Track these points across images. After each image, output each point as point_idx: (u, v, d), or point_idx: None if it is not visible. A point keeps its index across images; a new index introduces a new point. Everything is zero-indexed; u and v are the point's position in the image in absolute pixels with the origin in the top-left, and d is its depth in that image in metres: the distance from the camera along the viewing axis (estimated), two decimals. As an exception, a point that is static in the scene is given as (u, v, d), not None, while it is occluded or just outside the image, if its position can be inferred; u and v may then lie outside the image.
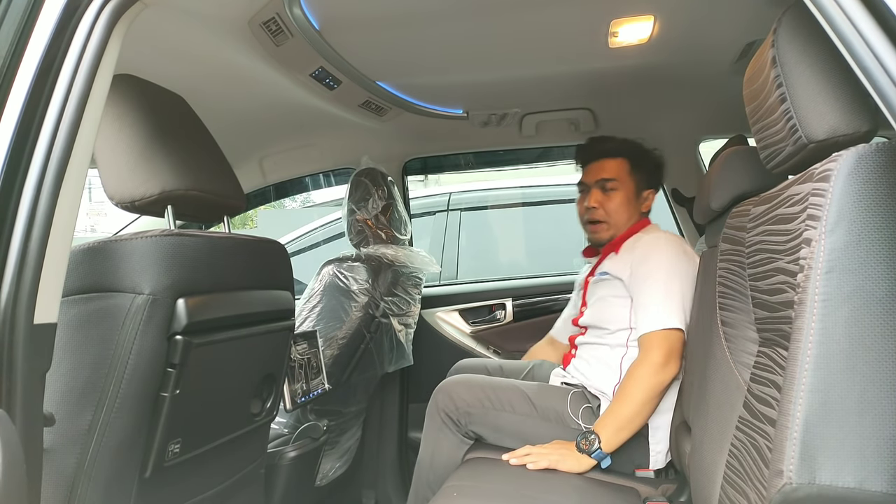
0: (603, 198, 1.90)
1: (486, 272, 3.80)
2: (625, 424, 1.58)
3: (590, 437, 1.58)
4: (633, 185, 1.89)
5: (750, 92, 1.04)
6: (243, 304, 1.25)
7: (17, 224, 0.82)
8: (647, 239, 1.77)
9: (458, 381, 1.89)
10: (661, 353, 1.58)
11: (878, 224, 0.73)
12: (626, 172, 1.89)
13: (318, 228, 3.73)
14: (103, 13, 0.90)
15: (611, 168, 1.90)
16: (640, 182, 1.90)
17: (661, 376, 1.58)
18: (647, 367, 1.59)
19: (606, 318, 1.80)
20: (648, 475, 1.68)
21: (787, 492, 0.74)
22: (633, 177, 1.89)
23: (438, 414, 1.83)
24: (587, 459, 1.58)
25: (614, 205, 1.88)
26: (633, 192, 1.89)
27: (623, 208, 1.88)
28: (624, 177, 1.89)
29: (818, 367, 0.74)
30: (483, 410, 1.77)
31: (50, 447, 0.94)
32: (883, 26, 0.70)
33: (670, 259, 1.69)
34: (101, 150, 1.13)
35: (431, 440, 1.84)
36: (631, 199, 1.89)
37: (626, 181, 1.89)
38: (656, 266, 1.68)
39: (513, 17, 1.57)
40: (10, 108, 0.84)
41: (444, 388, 1.86)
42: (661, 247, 1.72)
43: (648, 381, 1.58)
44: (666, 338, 1.60)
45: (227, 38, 1.48)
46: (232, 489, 1.37)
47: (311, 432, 1.82)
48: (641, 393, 1.58)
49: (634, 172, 1.89)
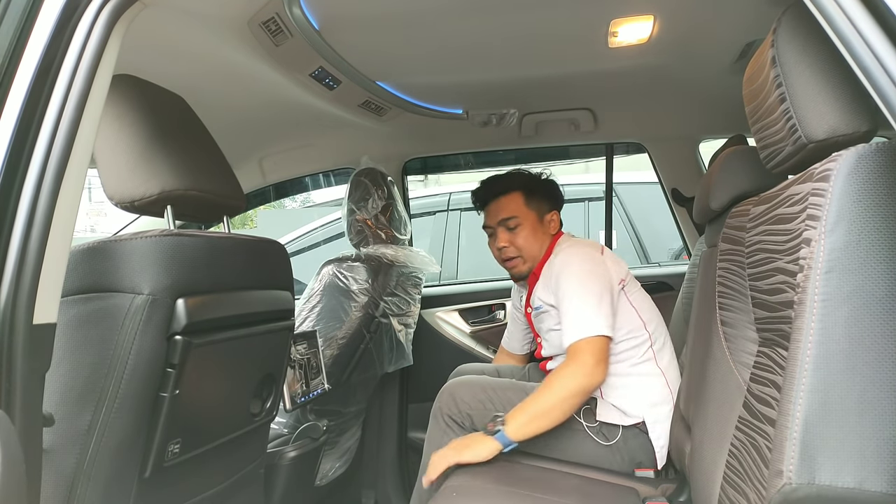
0: (510, 236, 1.93)
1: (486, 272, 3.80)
2: (538, 416, 1.58)
3: (497, 420, 1.59)
4: (534, 215, 1.93)
5: (749, 92, 1.04)
6: (243, 304, 1.25)
7: (17, 224, 0.82)
8: (558, 261, 1.81)
9: (460, 382, 1.91)
10: (592, 358, 1.59)
11: (877, 224, 0.73)
12: (523, 206, 1.92)
13: (317, 228, 3.74)
14: (102, 13, 0.90)
15: (507, 206, 1.93)
16: (539, 209, 1.94)
17: (590, 379, 1.58)
18: (576, 367, 1.59)
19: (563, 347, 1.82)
20: (648, 475, 1.67)
21: (786, 492, 0.74)
22: (531, 207, 1.93)
23: (442, 417, 1.84)
24: (491, 442, 1.57)
25: (522, 240, 1.91)
26: (536, 221, 1.93)
27: (531, 240, 1.92)
28: (523, 210, 1.92)
29: (818, 367, 0.74)
30: (485, 412, 1.78)
31: (49, 447, 0.94)
32: (883, 26, 0.70)
33: (581, 271, 1.72)
34: (100, 150, 1.13)
35: (435, 443, 1.85)
36: (536, 229, 1.92)
37: (526, 214, 1.92)
38: (568, 282, 1.71)
39: (512, 16, 1.57)
40: (10, 108, 0.84)
41: (446, 391, 1.88)
42: (569, 262, 1.76)
43: (576, 381, 1.58)
44: (591, 343, 1.61)
45: (226, 37, 1.48)
46: (232, 489, 1.37)
47: (310, 432, 1.82)
48: (564, 390, 1.58)
49: (531, 203, 1.93)
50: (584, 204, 3.72)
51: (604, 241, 2.92)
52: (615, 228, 2.94)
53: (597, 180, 3.33)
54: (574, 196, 3.74)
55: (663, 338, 1.83)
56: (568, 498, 1.47)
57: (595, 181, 3.50)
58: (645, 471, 1.68)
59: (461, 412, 1.81)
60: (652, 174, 2.68)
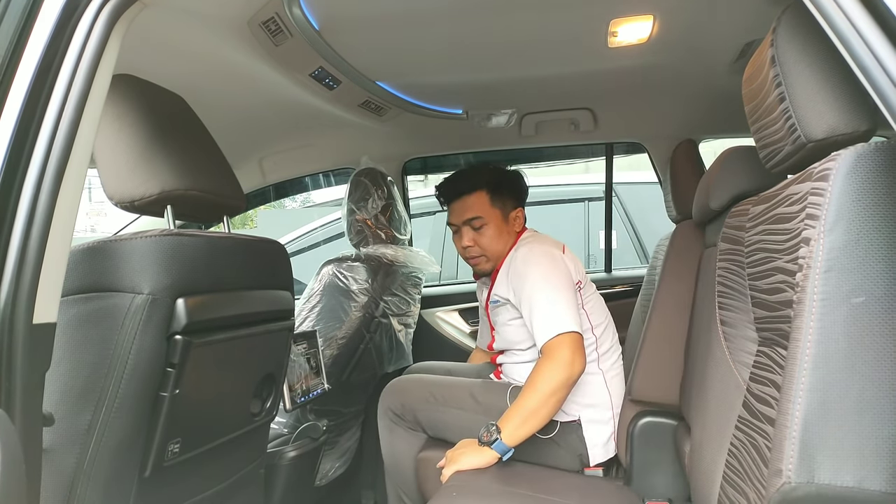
0: (475, 235, 1.92)
1: (486, 272, 3.79)
2: (528, 417, 1.57)
3: (490, 429, 1.58)
4: (499, 214, 1.91)
5: (749, 91, 1.04)
6: (243, 304, 1.25)
7: (17, 224, 0.82)
8: (520, 255, 1.80)
9: (403, 380, 1.96)
10: (568, 351, 1.59)
11: (876, 223, 0.73)
12: (488, 205, 1.90)
13: (318, 228, 3.73)
14: (102, 13, 0.90)
15: (472, 205, 1.91)
16: (504, 208, 1.92)
17: (570, 371, 1.58)
18: (555, 362, 1.59)
19: (515, 340, 1.85)
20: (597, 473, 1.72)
21: (786, 491, 0.74)
22: (496, 206, 1.91)
23: (387, 414, 1.89)
24: (489, 452, 1.57)
25: (487, 240, 1.90)
26: (501, 220, 1.91)
27: (496, 240, 1.90)
28: (488, 210, 1.90)
29: (817, 367, 0.74)
30: (427, 406, 1.82)
31: (49, 447, 0.94)
32: (882, 26, 0.70)
33: (544, 270, 1.72)
34: (100, 150, 1.13)
35: (388, 442, 1.91)
36: (501, 228, 1.91)
37: (491, 213, 1.90)
38: (533, 280, 1.71)
39: (512, 16, 1.57)
40: (10, 107, 0.84)
41: (389, 388, 1.93)
42: (533, 261, 1.75)
43: (557, 375, 1.58)
44: (566, 339, 1.61)
45: (226, 37, 1.48)
46: (231, 489, 1.37)
47: (310, 432, 1.82)
48: (547, 386, 1.57)
49: (496, 201, 1.91)
50: (584, 204, 3.72)
51: (604, 242, 2.92)
52: (615, 228, 2.95)
53: (597, 180, 3.33)
54: (574, 196, 3.75)
55: (610, 341, 1.85)
56: (568, 498, 1.47)
57: (595, 181, 3.49)
58: (594, 469, 1.72)
59: (404, 406, 1.85)
60: (652, 174, 2.68)
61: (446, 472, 1.58)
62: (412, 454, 1.86)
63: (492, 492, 1.47)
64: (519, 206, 1.96)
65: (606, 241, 2.86)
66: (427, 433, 1.89)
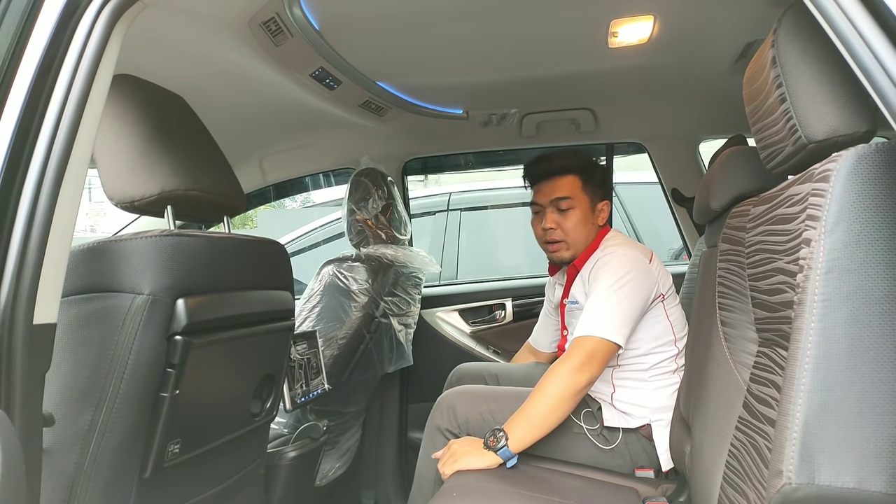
0: (559, 218, 1.86)
1: (486, 272, 3.80)
2: (537, 423, 1.54)
3: (498, 435, 1.54)
4: (588, 201, 1.86)
5: (750, 92, 1.04)
6: (243, 304, 1.25)
7: (17, 224, 0.82)
8: (603, 258, 1.75)
9: (458, 393, 1.86)
10: (582, 356, 1.55)
11: (877, 224, 0.73)
12: (579, 189, 1.85)
13: (318, 228, 3.73)
14: (103, 13, 0.90)
15: (564, 186, 1.85)
16: (593, 197, 1.87)
17: (576, 378, 1.54)
18: (563, 367, 1.56)
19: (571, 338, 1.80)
20: (648, 475, 1.67)
21: (786, 492, 0.74)
22: (586, 193, 1.86)
23: (440, 433, 1.78)
24: (492, 457, 1.53)
25: (571, 224, 1.84)
26: (588, 207, 1.86)
27: (580, 226, 1.84)
28: (578, 194, 1.85)
29: (818, 368, 0.74)
30: (483, 423, 1.73)
31: (49, 447, 0.94)
32: (883, 26, 0.70)
33: (617, 274, 1.67)
34: (100, 150, 1.13)
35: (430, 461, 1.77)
36: (587, 216, 1.86)
37: (580, 198, 1.85)
38: (603, 282, 1.66)
39: (513, 17, 1.57)
40: (10, 107, 0.84)
41: (445, 402, 1.82)
42: (611, 263, 1.70)
43: (562, 381, 1.54)
44: (591, 343, 1.57)
45: (226, 37, 1.48)
46: (232, 489, 1.37)
47: (310, 432, 1.82)
48: (555, 391, 1.54)
49: (587, 188, 1.86)
50: (584, 204, 3.71)
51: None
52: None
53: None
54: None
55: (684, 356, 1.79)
56: (568, 498, 1.47)
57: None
58: (645, 471, 1.68)
59: (460, 426, 1.75)
60: (652, 174, 2.68)
61: (447, 469, 1.55)
62: None
63: (492, 492, 1.47)
64: (606, 200, 1.90)
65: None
66: None
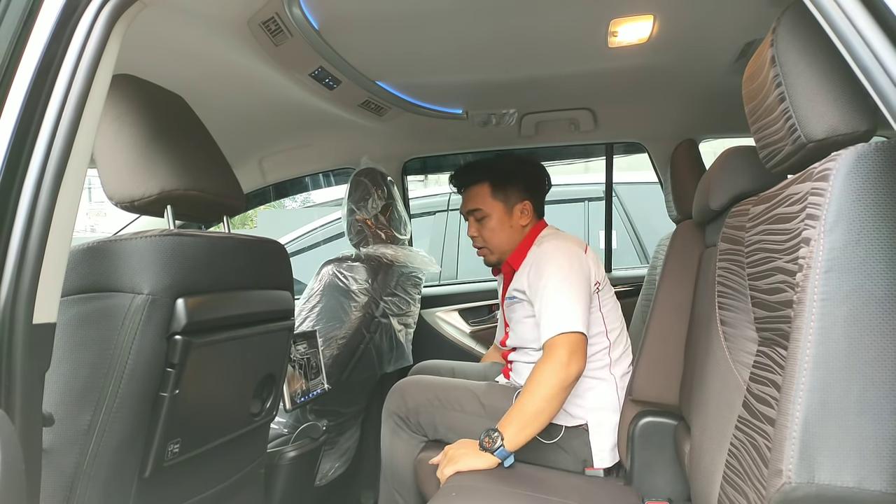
0: (478, 226, 1.95)
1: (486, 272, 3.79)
2: (529, 421, 1.57)
3: (493, 435, 1.57)
4: (501, 207, 1.91)
5: (749, 91, 1.04)
6: (243, 304, 1.25)
7: (17, 224, 0.82)
8: (539, 252, 1.80)
9: (409, 381, 1.95)
10: (566, 352, 1.59)
11: (877, 223, 0.73)
12: (488, 197, 1.92)
13: (318, 228, 3.73)
14: (102, 13, 0.90)
15: (475, 197, 1.94)
16: (507, 200, 1.92)
17: (566, 372, 1.58)
18: (551, 363, 1.59)
19: (529, 339, 1.84)
20: (598, 474, 1.71)
21: (786, 491, 0.74)
22: (497, 199, 1.91)
23: (391, 417, 1.88)
24: (490, 458, 1.56)
25: (487, 232, 1.93)
26: (503, 212, 1.91)
27: (497, 232, 1.92)
28: (488, 202, 1.92)
29: (817, 367, 0.74)
30: (432, 409, 1.82)
31: (49, 447, 0.94)
32: (882, 26, 0.70)
33: (561, 267, 1.71)
34: (100, 149, 1.13)
35: (389, 444, 1.90)
36: (503, 221, 1.91)
37: (491, 205, 1.91)
38: (548, 277, 1.71)
39: (512, 16, 1.57)
40: (10, 107, 0.84)
41: (395, 390, 1.92)
42: (550, 257, 1.75)
43: (554, 377, 1.58)
44: (567, 339, 1.61)
45: (226, 37, 1.48)
46: (232, 489, 1.37)
47: (310, 432, 1.82)
48: (546, 389, 1.57)
49: (497, 194, 1.91)
50: (584, 204, 3.72)
51: (604, 242, 2.92)
52: (615, 228, 2.94)
53: (597, 180, 3.33)
54: (574, 196, 3.74)
55: (623, 346, 1.84)
56: (568, 498, 1.47)
57: (595, 181, 3.50)
58: (594, 469, 1.71)
59: (409, 409, 1.84)
60: (652, 174, 2.68)
61: (446, 471, 1.57)
62: (412, 456, 1.86)
63: (491, 492, 1.47)
64: (527, 199, 1.93)
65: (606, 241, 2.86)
66: (429, 436, 1.88)
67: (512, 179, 1.93)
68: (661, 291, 1.69)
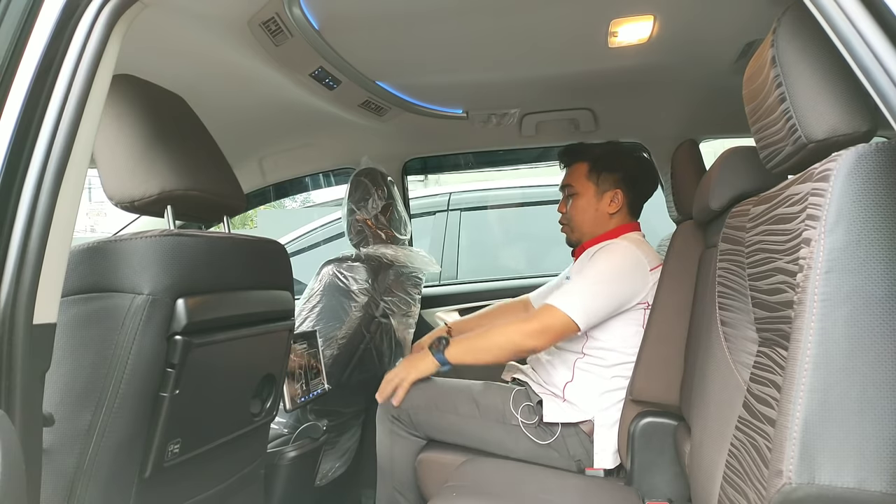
0: (567, 203, 1.97)
1: (486, 272, 3.80)
2: (470, 350, 1.73)
3: (441, 343, 1.76)
4: (592, 189, 1.92)
5: (749, 92, 1.04)
6: (243, 304, 1.25)
7: (17, 224, 0.82)
8: (606, 246, 1.79)
9: None
10: (539, 325, 1.65)
11: (877, 224, 0.73)
12: (582, 177, 1.92)
13: (318, 228, 3.73)
14: (102, 13, 0.90)
15: (571, 174, 1.97)
16: (600, 184, 1.91)
17: (527, 341, 1.66)
18: (519, 327, 1.69)
19: None
20: (598, 474, 1.71)
21: (786, 492, 0.74)
22: (589, 180, 1.92)
23: (387, 417, 1.90)
24: (430, 359, 1.75)
25: (573, 209, 1.94)
26: (593, 195, 1.91)
27: (581, 213, 1.92)
28: (581, 182, 1.93)
29: (818, 367, 0.74)
30: (428, 412, 1.83)
31: (49, 447, 0.94)
32: (883, 26, 0.70)
33: (611, 266, 1.72)
34: (100, 150, 1.13)
35: (386, 444, 1.91)
36: (590, 203, 1.91)
37: (583, 185, 1.92)
38: (592, 267, 1.73)
39: (513, 16, 1.57)
40: (10, 108, 0.84)
41: None
42: (609, 252, 1.75)
43: (516, 336, 1.68)
44: (554, 315, 1.65)
45: (226, 37, 1.48)
46: (232, 489, 1.37)
47: (310, 432, 1.82)
48: (501, 338, 1.69)
49: (591, 175, 1.92)
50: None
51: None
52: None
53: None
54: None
55: None
56: (568, 498, 1.47)
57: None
58: (594, 469, 1.72)
59: (401, 411, 1.86)
60: (652, 174, 2.67)
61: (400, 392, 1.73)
62: (411, 456, 1.86)
63: (491, 492, 1.47)
64: (619, 189, 1.91)
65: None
66: (426, 437, 1.88)
67: (610, 166, 1.92)
68: (662, 291, 1.69)
